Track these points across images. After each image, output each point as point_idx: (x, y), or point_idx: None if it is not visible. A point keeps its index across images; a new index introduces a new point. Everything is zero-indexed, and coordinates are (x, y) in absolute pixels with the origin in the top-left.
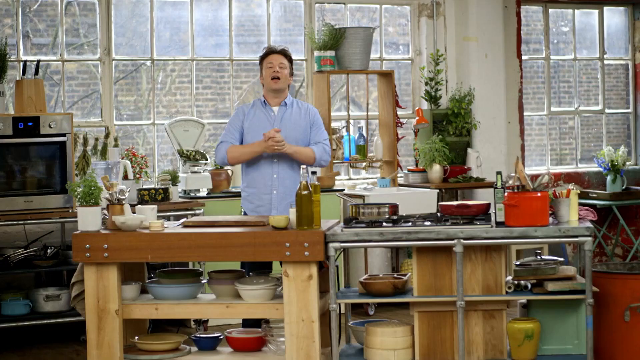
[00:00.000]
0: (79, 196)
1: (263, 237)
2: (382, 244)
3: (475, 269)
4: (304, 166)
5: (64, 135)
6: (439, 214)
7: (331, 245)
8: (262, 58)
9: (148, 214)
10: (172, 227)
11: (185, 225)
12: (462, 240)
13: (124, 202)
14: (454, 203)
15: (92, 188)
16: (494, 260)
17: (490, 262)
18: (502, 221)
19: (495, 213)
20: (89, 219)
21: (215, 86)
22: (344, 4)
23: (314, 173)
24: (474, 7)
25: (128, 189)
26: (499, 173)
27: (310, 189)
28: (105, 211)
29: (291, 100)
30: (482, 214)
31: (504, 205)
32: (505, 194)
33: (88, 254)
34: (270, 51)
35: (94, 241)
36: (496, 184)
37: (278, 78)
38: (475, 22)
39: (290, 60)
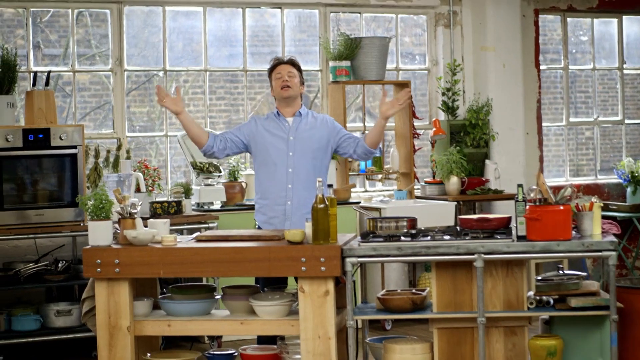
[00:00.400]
0: (89, 210)
1: (278, 251)
2: (400, 258)
3: (496, 284)
4: (320, 179)
5: (74, 147)
6: (458, 228)
7: (348, 260)
8: (271, 70)
9: (160, 228)
10: (185, 241)
11: (198, 240)
12: (482, 255)
13: (135, 216)
14: (474, 217)
15: (103, 202)
16: (515, 275)
17: (511, 277)
18: (524, 235)
19: (516, 227)
20: (99, 233)
21: (229, 97)
22: (359, 13)
23: (330, 186)
24: (491, 16)
25: (140, 202)
26: (520, 186)
27: (327, 203)
28: (117, 225)
29: (306, 111)
30: (502, 227)
31: (525, 218)
32: (527, 207)
33: (99, 269)
34: (277, 62)
35: (105, 256)
36: (517, 197)
37: (288, 86)
38: (493, 32)
39: (299, 69)
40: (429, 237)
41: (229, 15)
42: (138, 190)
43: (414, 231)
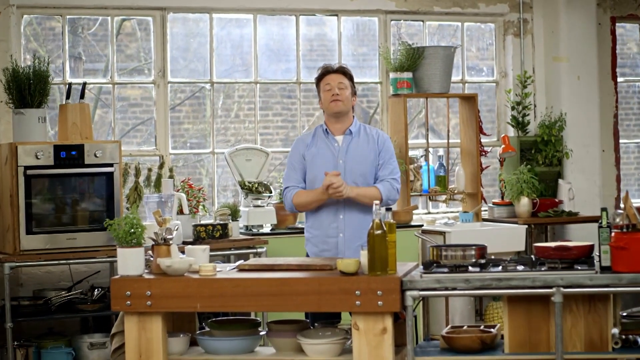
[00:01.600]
0: (118, 235)
1: (330, 283)
2: (468, 292)
3: (577, 322)
4: (377, 202)
5: (111, 165)
6: (533, 257)
7: (408, 293)
8: (319, 80)
9: (199, 256)
10: (226, 270)
11: (240, 269)
12: (561, 289)
13: (170, 242)
14: (551, 244)
15: (135, 226)
16: (599, 311)
17: (594, 314)
18: (608, 266)
19: (599, 256)
20: (130, 261)
21: (287, 113)
22: (422, 21)
23: (389, 209)
24: (565, 25)
25: (176, 227)
26: (604, 210)
27: (385, 228)
28: (151, 252)
29: (358, 127)
30: (584, 257)
31: (610, 247)
32: (612, 234)
33: (129, 302)
34: (326, 71)
35: (136, 287)
36: (601, 222)
37: (338, 100)
38: (567, 41)
39: (351, 79)
40: (500, 268)
41: (281, 23)
42: (181, 212)
43: (483, 261)
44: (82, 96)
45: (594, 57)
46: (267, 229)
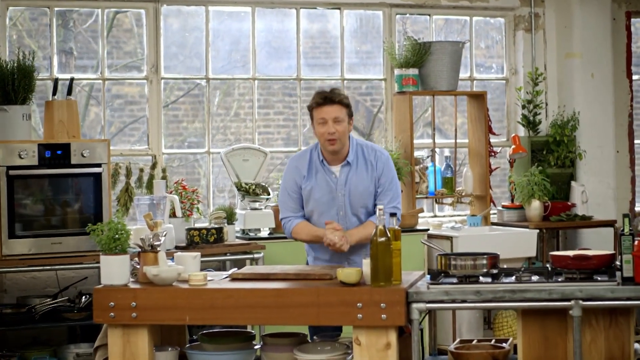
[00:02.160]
0: (101, 242)
1: (329, 294)
2: (479, 305)
3: (597, 337)
4: (381, 206)
5: (99, 165)
6: (549, 267)
7: (414, 306)
8: (312, 108)
9: (189, 264)
10: (218, 279)
11: (233, 279)
12: (580, 302)
13: (158, 248)
14: (569, 253)
15: (119, 232)
16: (620, 325)
17: (615, 328)
18: (631, 277)
19: (621, 266)
20: (114, 270)
21: (288, 111)
22: (429, 15)
23: (393, 215)
24: (578, 20)
25: (164, 233)
26: (626, 216)
27: (389, 235)
28: (137, 260)
29: (355, 153)
30: (604, 267)
31: (633, 256)
32: (635, 242)
33: (112, 314)
34: (320, 101)
35: (120, 298)
36: (623, 230)
37: (334, 140)
38: (580, 37)
39: (348, 106)
40: (513, 278)
41: (281, 17)
42: (174, 215)
43: (495, 271)
44: (69, 92)
45: (608, 54)
46: (264, 232)
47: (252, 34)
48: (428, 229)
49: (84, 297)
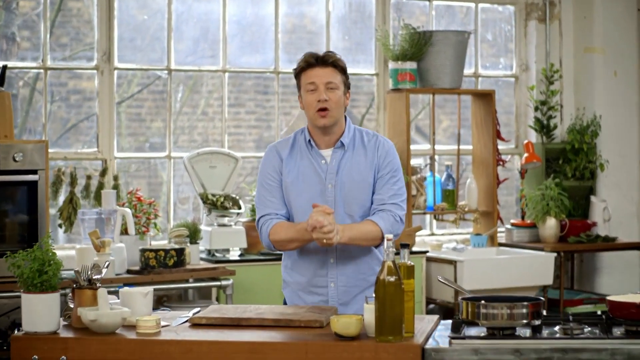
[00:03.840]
0: (23, 277)
1: (321, 351)
2: None
3: None
4: (390, 236)
5: (34, 172)
6: (604, 316)
7: None
8: (299, 73)
9: (137, 304)
10: (174, 325)
11: (193, 324)
12: None
13: (98, 284)
14: (633, 300)
15: (46, 263)
16: None
17: None
18: None
19: None
20: (39, 313)
21: (260, 111)
22: (429, 0)
23: (405, 246)
24: (599, 10)
25: (106, 264)
26: None
27: (400, 274)
28: (71, 297)
29: (352, 136)
30: None
31: None
32: None
33: None
34: (309, 62)
35: (47, 350)
36: None
37: (326, 109)
38: (601, 29)
39: (344, 71)
40: (557, 330)
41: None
42: (126, 232)
43: (537, 322)
44: (1, 83)
45: (633, 49)
46: (234, 254)
47: (223, 19)
48: (427, 251)
49: (17, 329)
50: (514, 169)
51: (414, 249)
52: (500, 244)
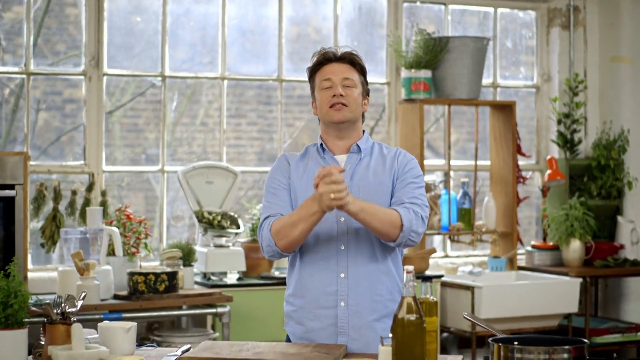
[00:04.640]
0: None
1: None
2: None
3: None
4: (410, 268)
5: (11, 187)
6: None
7: None
8: (313, 71)
9: (119, 340)
10: None
11: None
12: None
13: (73, 318)
14: None
15: (12, 296)
16: None
17: None
18: None
19: None
20: (3, 353)
21: (262, 122)
22: (444, 4)
23: (427, 280)
24: (626, 16)
25: (82, 295)
26: None
27: (422, 312)
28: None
29: (370, 144)
30: None
31: None
32: None
33: None
34: (325, 58)
35: None
36: None
37: (343, 104)
38: (629, 37)
39: (363, 72)
40: None
41: (258, 1)
42: (113, 253)
43: None
44: None
45: None
46: (232, 278)
47: (222, 22)
48: (442, 275)
49: None
50: (535, 187)
51: (427, 272)
52: (520, 268)
